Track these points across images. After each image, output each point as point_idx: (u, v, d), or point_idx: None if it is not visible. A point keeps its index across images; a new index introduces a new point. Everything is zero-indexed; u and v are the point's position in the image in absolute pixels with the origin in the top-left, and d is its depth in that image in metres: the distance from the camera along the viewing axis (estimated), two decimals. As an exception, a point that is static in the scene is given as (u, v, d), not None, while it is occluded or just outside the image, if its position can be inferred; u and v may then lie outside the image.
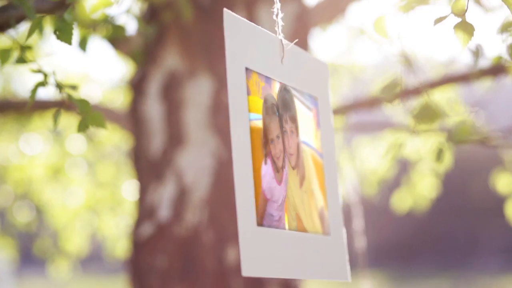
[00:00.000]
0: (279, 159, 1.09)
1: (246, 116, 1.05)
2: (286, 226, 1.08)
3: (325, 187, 1.18)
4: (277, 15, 1.14)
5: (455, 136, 1.92)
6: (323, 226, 1.15)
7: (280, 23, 1.14)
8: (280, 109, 1.11)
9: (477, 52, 1.73)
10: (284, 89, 1.13)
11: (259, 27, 1.11)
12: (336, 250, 1.16)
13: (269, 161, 1.07)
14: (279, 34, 1.14)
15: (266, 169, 1.06)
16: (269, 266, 1.02)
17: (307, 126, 1.16)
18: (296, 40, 1.15)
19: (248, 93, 1.07)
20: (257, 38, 1.10)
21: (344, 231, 1.19)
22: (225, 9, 1.04)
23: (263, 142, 1.07)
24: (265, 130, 1.08)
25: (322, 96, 1.22)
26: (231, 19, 1.05)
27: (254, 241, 1.01)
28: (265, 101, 1.09)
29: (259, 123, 1.07)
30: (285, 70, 1.13)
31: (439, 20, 1.18)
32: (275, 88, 1.11)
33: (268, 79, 1.10)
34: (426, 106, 1.75)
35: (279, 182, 1.08)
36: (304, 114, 1.16)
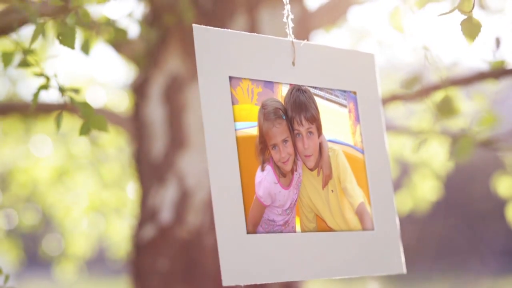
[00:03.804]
0: (286, 163, 1.06)
1: (230, 126, 1.02)
2: (298, 229, 1.06)
3: (368, 182, 1.14)
4: (287, 17, 1.11)
5: (476, 126, 1.93)
6: (363, 222, 1.12)
7: (291, 24, 1.11)
8: (291, 112, 1.07)
9: (498, 43, 1.73)
10: (297, 90, 1.09)
11: (254, 34, 1.09)
12: (383, 243, 1.13)
13: (269, 167, 1.05)
14: (290, 35, 1.11)
15: (264, 176, 1.04)
16: (258, 272, 1.00)
17: (338, 123, 1.12)
18: (305, 40, 1.14)
19: (235, 102, 1.04)
20: (249, 45, 1.07)
21: (395, 223, 1.15)
22: (194, 25, 1.02)
23: (260, 149, 1.04)
24: (263, 136, 1.05)
25: (363, 89, 1.17)
26: (202, 32, 1.02)
27: (240, 250, 0.99)
28: (264, 106, 1.06)
29: (251, 131, 1.04)
30: (297, 71, 1.10)
31: (443, 14, 1.17)
32: (281, 91, 1.08)
33: (268, 84, 1.07)
34: (447, 100, 1.75)
35: (286, 186, 1.06)
36: (333, 111, 1.12)
